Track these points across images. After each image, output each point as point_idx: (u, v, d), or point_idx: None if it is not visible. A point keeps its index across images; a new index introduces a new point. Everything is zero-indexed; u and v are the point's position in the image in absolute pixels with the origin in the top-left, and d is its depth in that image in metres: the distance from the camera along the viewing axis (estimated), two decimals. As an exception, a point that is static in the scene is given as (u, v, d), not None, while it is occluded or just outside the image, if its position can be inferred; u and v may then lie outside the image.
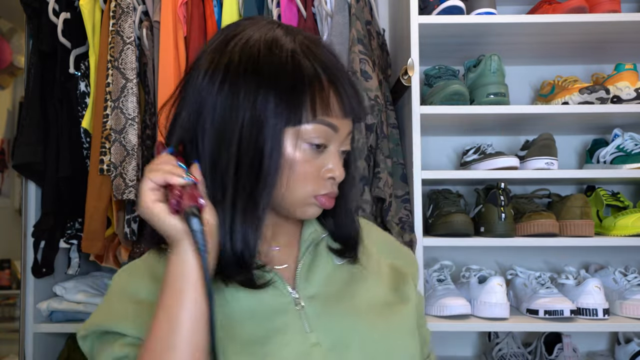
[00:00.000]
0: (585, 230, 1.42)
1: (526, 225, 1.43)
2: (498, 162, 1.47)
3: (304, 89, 0.61)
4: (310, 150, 0.63)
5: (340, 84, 0.64)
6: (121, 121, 1.36)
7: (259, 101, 0.60)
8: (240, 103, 0.60)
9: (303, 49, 0.63)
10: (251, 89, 0.60)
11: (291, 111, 0.61)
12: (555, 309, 1.35)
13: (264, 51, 0.62)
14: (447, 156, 1.79)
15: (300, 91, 0.61)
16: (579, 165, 1.77)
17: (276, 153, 0.61)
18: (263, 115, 0.60)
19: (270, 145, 0.60)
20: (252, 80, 0.61)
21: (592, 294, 1.38)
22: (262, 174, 0.60)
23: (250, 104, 0.60)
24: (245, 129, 0.60)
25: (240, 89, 0.61)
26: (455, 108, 1.41)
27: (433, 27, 1.44)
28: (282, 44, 0.63)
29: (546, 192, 1.59)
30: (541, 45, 1.59)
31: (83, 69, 1.46)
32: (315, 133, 0.63)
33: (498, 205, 1.43)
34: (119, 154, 1.35)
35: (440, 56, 1.66)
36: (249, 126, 0.60)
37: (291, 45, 0.63)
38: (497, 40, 1.55)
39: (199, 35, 1.42)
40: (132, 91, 1.37)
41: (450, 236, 1.43)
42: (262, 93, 0.60)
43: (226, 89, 0.61)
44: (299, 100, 0.61)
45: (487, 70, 1.45)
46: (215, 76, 0.62)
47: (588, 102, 1.43)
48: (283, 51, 0.62)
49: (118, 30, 1.40)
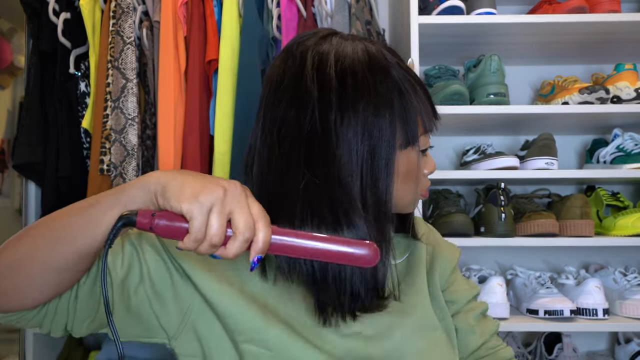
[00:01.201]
0: (585, 230, 1.41)
1: (526, 225, 1.43)
2: (498, 162, 1.47)
3: (413, 107, 0.63)
4: (419, 157, 0.67)
5: (425, 89, 0.66)
6: (121, 121, 1.36)
7: (375, 132, 0.61)
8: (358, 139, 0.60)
9: (393, 62, 0.64)
10: (369, 119, 0.60)
11: (408, 134, 0.63)
12: (555, 309, 1.35)
13: (369, 74, 0.62)
14: (447, 156, 1.79)
15: (411, 111, 0.63)
16: (578, 165, 1.77)
17: (391, 175, 0.62)
18: (379, 144, 0.61)
19: (387, 171, 0.61)
20: (369, 110, 0.60)
21: (592, 294, 1.38)
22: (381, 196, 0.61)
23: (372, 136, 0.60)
24: (364, 164, 0.60)
25: (357, 123, 0.60)
26: (455, 108, 1.41)
27: (433, 27, 1.44)
28: (379, 61, 0.63)
29: (546, 192, 1.59)
30: (541, 45, 1.59)
31: (83, 69, 1.46)
32: (424, 144, 0.66)
33: (498, 205, 1.43)
34: (119, 154, 1.35)
35: (440, 56, 1.66)
36: (367, 161, 0.60)
37: (384, 60, 0.64)
38: (497, 40, 1.55)
39: (199, 35, 1.42)
40: (132, 91, 1.38)
41: (450, 236, 1.42)
42: (377, 124, 0.61)
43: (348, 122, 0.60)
44: (414, 121, 0.63)
45: (487, 70, 1.45)
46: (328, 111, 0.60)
47: (588, 102, 1.43)
48: (383, 71, 0.63)
49: (118, 30, 1.40)
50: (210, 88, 1.43)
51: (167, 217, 0.51)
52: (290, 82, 0.63)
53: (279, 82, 0.64)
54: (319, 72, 0.62)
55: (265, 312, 0.63)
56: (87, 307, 0.61)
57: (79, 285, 0.60)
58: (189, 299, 0.63)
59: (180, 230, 0.50)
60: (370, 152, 0.60)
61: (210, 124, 1.42)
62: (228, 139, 1.37)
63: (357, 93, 0.61)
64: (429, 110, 0.66)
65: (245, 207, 0.49)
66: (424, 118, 0.64)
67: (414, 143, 0.64)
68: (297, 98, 0.62)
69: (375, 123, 0.60)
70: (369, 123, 0.60)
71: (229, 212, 0.49)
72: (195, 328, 0.63)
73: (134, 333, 0.64)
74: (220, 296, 0.62)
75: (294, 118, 0.61)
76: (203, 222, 0.48)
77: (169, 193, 0.50)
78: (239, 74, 1.38)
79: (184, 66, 1.41)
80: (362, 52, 0.63)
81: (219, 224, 0.49)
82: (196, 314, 0.63)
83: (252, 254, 0.50)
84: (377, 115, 0.61)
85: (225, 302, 0.62)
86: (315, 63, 0.62)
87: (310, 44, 0.65)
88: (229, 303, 0.62)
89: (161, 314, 0.63)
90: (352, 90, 0.61)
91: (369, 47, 0.64)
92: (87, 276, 0.60)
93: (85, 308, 0.60)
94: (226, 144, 1.36)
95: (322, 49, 0.64)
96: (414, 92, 0.64)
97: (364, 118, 0.60)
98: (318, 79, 0.61)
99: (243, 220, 0.49)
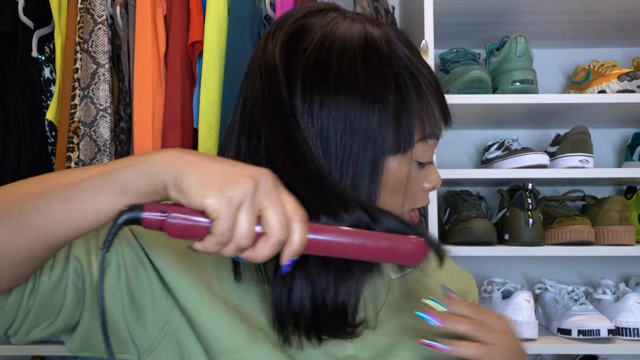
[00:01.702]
0: (625, 238, 1.41)
1: (557, 232, 1.43)
2: (525, 160, 1.46)
3: (411, 108, 0.61)
4: (415, 168, 0.64)
5: (436, 85, 0.64)
6: (91, 112, 1.36)
7: (360, 129, 0.59)
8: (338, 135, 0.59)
9: (398, 51, 0.62)
10: (354, 113, 0.59)
11: (400, 139, 0.61)
12: (591, 329, 1.35)
13: (362, 61, 0.60)
14: (466, 152, 1.79)
15: (408, 112, 0.61)
16: (617, 163, 1.76)
17: (376, 184, 0.60)
18: (365, 145, 0.59)
19: (372, 177, 0.60)
20: (354, 103, 0.59)
21: (632, 311, 1.38)
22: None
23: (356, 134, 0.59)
24: (344, 166, 0.59)
25: (337, 116, 0.59)
26: (476, 97, 1.41)
27: (450, 5, 1.44)
28: (379, 48, 0.62)
29: (580, 194, 1.59)
30: (574, 25, 1.59)
31: (48, 52, 1.46)
32: (423, 152, 0.64)
33: (525, 209, 1.42)
34: (88, 150, 1.35)
35: (458, 38, 1.66)
36: (348, 163, 0.59)
37: (386, 48, 0.62)
38: (524, 19, 1.55)
39: (181, 13, 1.42)
40: (103, 78, 1.37)
41: (469, 244, 1.42)
42: (363, 120, 0.59)
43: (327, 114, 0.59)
44: (409, 124, 0.61)
45: (512, 53, 1.45)
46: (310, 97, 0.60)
47: (628, 90, 1.43)
48: (382, 60, 0.61)
49: (88, 7, 1.40)
50: (193, 74, 1.43)
51: (182, 213, 0.48)
52: (263, 58, 0.63)
53: (255, 59, 0.65)
54: (290, 48, 0.61)
55: (253, 328, 0.62)
56: (48, 308, 0.57)
57: (39, 279, 0.56)
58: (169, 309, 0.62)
59: (200, 230, 0.48)
60: (352, 153, 0.59)
61: (193, 115, 1.42)
62: (214, 133, 1.36)
63: (341, 80, 0.59)
64: (433, 115, 0.64)
65: (278, 203, 0.48)
66: (423, 122, 0.62)
67: (406, 150, 0.61)
68: (267, 80, 0.61)
69: (360, 119, 0.59)
70: (353, 118, 0.59)
71: (260, 209, 0.47)
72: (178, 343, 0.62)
73: (99, 346, 0.62)
74: (199, 306, 0.61)
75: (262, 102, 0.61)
76: (231, 223, 0.46)
77: (188, 186, 0.47)
78: (227, 58, 1.38)
79: (164, 49, 1.41)
80: (358, 34, 0.62)
81: (250, 223, 0.47)
82: (175, 326, 0.62)
83: (286, 257, 0.49)
84: (363, 110, 0.59)
85: (205, 314, 0.61)
86: (290, 37, 0.62)
87: (298, 16, 0.64)
88: (210, 316, 0.61)
89: (134, 325, 0.62)
90: (334, 77, 0.59)
91: (369, 30, 0.63)
92: (52, 268, 0.57)
93: (45, 308, 0.57)
94: (212, 138, 1.36)
95: (307, 23, 0.63)
96: (416, 90, 0.62)
97: (345, 111, 0.59)
98: (288, 56, 0.61)
99: (277, 219, 0.47)
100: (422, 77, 0.63)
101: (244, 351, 0.60)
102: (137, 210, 0.48)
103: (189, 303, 0.61)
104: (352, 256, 0.53)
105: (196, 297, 0.61)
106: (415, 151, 0.62)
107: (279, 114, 0.59)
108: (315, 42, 0.61)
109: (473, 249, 1.41)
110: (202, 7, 1.42)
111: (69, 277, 0.58)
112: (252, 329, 0.62)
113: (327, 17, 0.64)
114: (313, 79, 0.60)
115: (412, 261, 0.54)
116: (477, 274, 1.66)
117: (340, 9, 0.67)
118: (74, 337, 0.61)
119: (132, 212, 0.48)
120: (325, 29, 0.62)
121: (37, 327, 0.58)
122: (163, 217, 0.48)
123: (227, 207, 0.46)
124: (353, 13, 0.67)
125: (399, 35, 0.65)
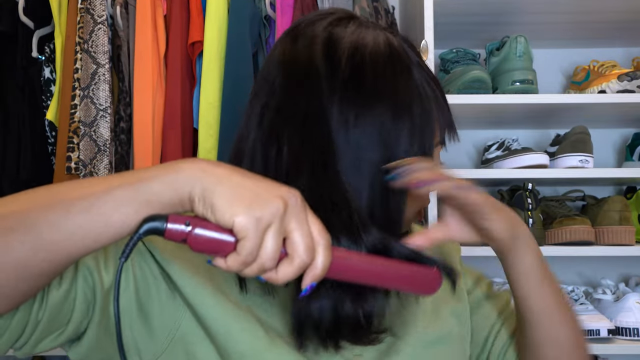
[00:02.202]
0: (625, 238, 1.41)
1: (557, 232, 1.43)
2: (525, 160, 1.46)
3: (432, 116, 0.62)
4: None
5: (443, 93, 0.65)
6: (91, 112, 1.36)
7: (392, 141, 0.59)
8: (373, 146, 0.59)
9: (413, 60, 0.63)
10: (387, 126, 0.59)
11: (425, 146, 0.61)
12: (591, 329, 1.35)
13: (391, 74, 0.61)
14: (466, 152, 1.79)
15: (430, 120, 0.62)
16: (617, 163, 1.76)
17: (405, 192, 0.61)
18: (396, 155, 0.59)
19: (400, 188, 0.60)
20: (387, 116, 0.59)
21: (632, 311, 1.38)
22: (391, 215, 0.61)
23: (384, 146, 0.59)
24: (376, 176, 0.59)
25: (373, 127, 0.59)
26: (476, 97, 1.41)
27: (450, 4, 1.44)
28: (401, 58, 0.62)
29: (580, 194, 1.59)
30: (574, 25, 1.59)
31: (48, 52, 1.46)
32: (436, 157, 0.65)
33: (525, 209, 1.42)
34: (88, 150, 1.35)
35: (458, 38, 1.66)
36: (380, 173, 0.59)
37: (406, 56, 0.62)
38: (524, 19, 1.55)
39: (181, 13, 1.42)
40: (103, 78, 1.37)
41: (469, 245, 1.42)
42: (395, 131, 0.60)
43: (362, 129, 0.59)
44: (431, 131, 0.62)
45: (512, 53, 1.45)
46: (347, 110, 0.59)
47: (628, 90, 1.43)
48: (405, 69, 0.62)
49: (88, 8, 1.40)
50: (193, 74, 1.43)
51: (207, 228, 0.47)
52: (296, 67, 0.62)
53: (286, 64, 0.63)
54: (327, 57, 0.61)
55: (268, 331, 0.61)
56: (58, 319, 0.55)
57: (48, 291, 0.54)
58: (177, 313, 0.62)
59: (224, 247, 0.47)
60: (384, 163, 0.59)
61: (193, 115, 1.42)
62: (214, 133, 1.36)
63: (376, 91, 0.60)
64: (448, 120, 0.65)
65: (306, 226, 0.47)
66: (442, 129, 0.64)
67: (429, 156, 0.63)
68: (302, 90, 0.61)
69: (392, 130, 0.59)
70: (386, 129, 0.59)
71: (287, 230, 0.47)
72: (186, 347, 0.62)
73: (102, 355, 0.61)
74: (214, 310, 0.61)
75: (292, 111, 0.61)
76: (258, 243, 0.45)
77: (217, 202, 0.46)
78: (227, 58, 1.38)
79: (164, 49, 1.41)
80: (384, 44, 0.62)
81: (276, 245, 0.46)
82: (183, 331, 0.62)
83: (308, 281, 0.48)
84: (396, 121, 0.60)
85: (220, 318, 0.60)
86: (324, 46, 0.61)
87: (323, 25, 0.64)
88: (226, 321, 0.60)
89: (140, 332, 0.61)
90: (370, 87, 0.60)
91: (390, 39, 0.63)
92: (61, 279, 0.55)
93: (55, 319, 0.55)
94: (212, 138, 1.36)
95: (335, 32, 0.62)
96: (435, 98, 0.63)
97: (380, 123, 0.59)
98: (327, 66, 0.60)
99: (303, 242, 0.47)
100: (435, 85, 0.64)
101: (261, 354, 0.60)
102: (160, 220, 0.47)
103: (204, 309, 0.61)
104: (371, 283, 0.54)
105: (211, 302, 0.61)
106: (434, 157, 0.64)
107: (315, 129, 0.59)
108: (347, 53, 0.61)
109: (473, 249, 1.41)
110: (202, 7, 1.42)
111: (78, 286, 0.56)
112: (268, 331, 0.61)
113: (350, 25, 0.64)
114: (349, 92, 0.60)
115: (428, 292, 0.56)
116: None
117: (355, 16, 0.67)
118: (79, 345, 0.60)
119: (156, 222, 0.47)
120: (352, 38, 0.62)
121: (46, 339, 0.56)
122: (187, 230, 0.47)
123: (255, 227, 0.45)
124: (367, 20, 0.67)
125: (407, 42, 0.66)
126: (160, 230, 0.47)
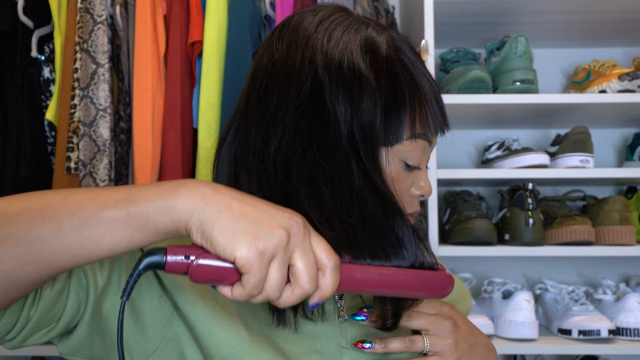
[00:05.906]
0: (626, 238, 1.41)
1: (557, 232, 1.43)
2: (525, 160, 1.46)
3: (404, 103, 0.62)
4: (402, 169, 0.65)
5: (436, 93, 0.66)
6: (91, 112, 1.36)
7: (356, 119, 0.61)
8: (340, 120, 0.60)
9: (398, 53, 0.64)
10: (349, 103, 0.61)
11: (390, 130, 0.62)
12: (591, 329, 1.35)
13: (363, 59, 0.62)
14: (466, 152, 1.79)
15: (401, 106, 0.62)
16: (618, 163, 1.76)
17: (377, 166, 0.62)
18: (358, 134, 0.61)
19: (372, 161, 0.61)
20: (352, 93, 0.61)
21: (633, 312, 1.38)
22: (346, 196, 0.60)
23: (349, 121, 0.61)
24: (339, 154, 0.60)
25: (339, 103, 0.61)
26: (476, 97, 1.41)
27: (450, 4, 1.44)
28: (378, 47, 0.64)
29: (580, 194, 1.59)
30: (574, 24, 1.59)
31: (47, 52, 1.46)
32: (411, 152, 0.64)
33: (525, 209, 1.42)
34: (88, 150, 1.35)
35: (459, 37, 1.66)
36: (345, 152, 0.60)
37: (386, 49, 0.64)
38: (524, 19, 1.55)
39: (181, 13, 1.42)
40: (103, 78, 1.37)
41: (470, 245, 1.42)
42: (359, 110, 0.61)
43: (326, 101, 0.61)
44: (399, 117, 0.62)
45: (513, 53, 1.45)
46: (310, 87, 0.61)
47: (629, 90, 1.43)
48: (379, 58, 0.63)
49: (88, 7, 1.40)
50: (193, 74, 1.43)
51: (208, 259, 0.46)
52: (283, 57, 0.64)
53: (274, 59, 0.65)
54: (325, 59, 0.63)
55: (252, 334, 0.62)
56: (49, 317, 0.56)
57: (41, 292, 0.54)
58: (168, 313, 0.62)
59: (228, 277, 0.46)
60: (359, 132, 0.61)
61: (193, 115, 1.41)
62: (214, 133, 1.36)
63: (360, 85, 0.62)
64: (426, 117, 0.65)
65: (309, 253, 0.47)
66: (414, 121, 0.63)
67: (392, 145, 0.63)
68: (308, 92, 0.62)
69: (361, 97, 0.61)
70: (356, 95, 0.61)
71: (291, 259, 0.47)
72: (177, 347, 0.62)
73: (92, 353, 0.61)
74: (200, 311, 0.61)
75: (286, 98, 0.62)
76: (262, 278, 0.45)
77: (217, 235, 0.45)
78: (227, 58, 1.38)
79: (164, 49, 1.41)
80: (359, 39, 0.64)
81: (281, 277, 0.46)
82: (175, 331, 0.62)
83: (315, 300, 0.49)
84: (362, 90, 0.61)
85: (205, 319, 0.61)
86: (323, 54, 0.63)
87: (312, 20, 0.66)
88: (210, 322, 0.61)
89: (132, 331, 0.61)
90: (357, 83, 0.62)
91: (372, 34, 0.65)
92: (54, 281, 0.55)
93: (46, 317, 0.56)
94: (212, 138, 1.36)
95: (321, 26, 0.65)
96: (411, 90, 0.64)
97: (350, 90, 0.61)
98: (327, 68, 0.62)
99: (307, 274, 0.47)
100: (423, 80, 0.65)
101: (243, 357, 0.60)
102: (159, 254, 0.46)
103: (190, 309, 0.61)
104: (384, 294, 0.55)
105: (198, 303, 0.61)
106: (403, 148, 0.64)
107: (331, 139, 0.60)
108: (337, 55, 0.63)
109: (473, 249, 1.41)
110: (202, 7, 1.42)
111: (71, 286, 0.57)
112: (252, 335, 0.62)
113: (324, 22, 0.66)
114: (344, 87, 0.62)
115: (441, 294, 0.57)
116: (478, 274, 1.66)
117: (345, 8, 0.68)
118: (69, 340, 0.60)
119: (155, 257, 0.46)
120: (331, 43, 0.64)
121: (36, 334, 0.57)
122: (187, 262, 0.46)
123: (259, 262, 0.45)
124: (358, 16, 0.68)
125: (403, 40, 0.67)
126: (160, 264, 0.46)
